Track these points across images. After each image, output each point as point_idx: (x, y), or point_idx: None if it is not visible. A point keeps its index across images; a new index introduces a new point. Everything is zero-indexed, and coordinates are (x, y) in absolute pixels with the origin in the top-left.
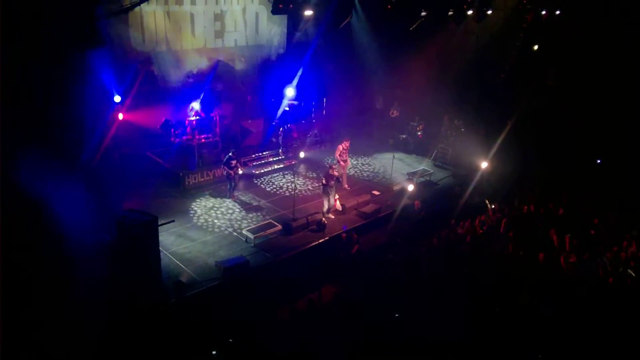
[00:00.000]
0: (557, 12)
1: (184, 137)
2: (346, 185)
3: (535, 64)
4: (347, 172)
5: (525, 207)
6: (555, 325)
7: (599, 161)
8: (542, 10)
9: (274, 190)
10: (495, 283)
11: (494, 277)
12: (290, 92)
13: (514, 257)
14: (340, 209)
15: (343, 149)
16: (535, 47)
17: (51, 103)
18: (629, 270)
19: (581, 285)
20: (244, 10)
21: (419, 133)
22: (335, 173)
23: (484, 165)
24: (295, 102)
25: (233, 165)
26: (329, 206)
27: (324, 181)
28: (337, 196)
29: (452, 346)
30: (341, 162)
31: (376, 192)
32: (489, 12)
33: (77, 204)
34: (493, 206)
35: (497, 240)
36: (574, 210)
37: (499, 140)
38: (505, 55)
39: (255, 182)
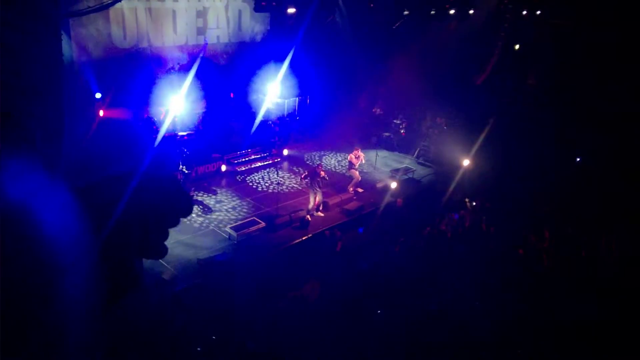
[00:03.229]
0: (538, 12)
1: (166, 134)
2: (351, 189)
3: (516, 63)
4: (336, 170)
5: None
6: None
7: (578, 159)
8: (523, 10)
9: (258, 187)
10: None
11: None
12: (274, 89)
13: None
14: (322, 207)
15: (355, 157)
16: (517, 47)
17: (26, 98)
18: None
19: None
20: (226, 7)
21: (402, 131)
22: (322, 173)
23: (466, 162)
24: (279, 100)
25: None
26: (314, 203)
27: (303, 175)
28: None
29: (434, 344)
30: (354, 170)
31: (359, 190)
32: (471, 11)
33: (59, 206)
34: (474, 203)
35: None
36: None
37: (481, 138)
38: (487, 54)
39: (239, 179)
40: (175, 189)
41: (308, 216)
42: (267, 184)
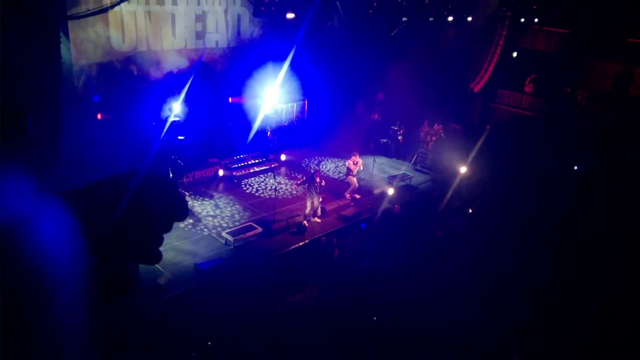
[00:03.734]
0: (536, 20)
1: (164, 138)
2: (348, 195)
3: (513, 71)
4: (333, 176)
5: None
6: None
7: (575, 168)
8: (521, 18)
9: (255, 192)
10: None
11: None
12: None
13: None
14: (320, 213)
15: (353, 163)
16: (514, 54)
17: (25, 102)
18: None
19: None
20: (225, 11)
21: (400, 137)
22: (317, 179)
23: (463, 169)
24: (278, 105)
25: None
26: (311, 208)
27: (299, 181)
28: (320, 199)
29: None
30: (352, 176)
31: (357, 196)
32: (469, 18)
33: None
34: (470, 210)
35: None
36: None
37: (478, 145)
38: (484, 62)
39: (236, 184)
40: (170, 193)
41: (305, 222)
42: (264, 189)
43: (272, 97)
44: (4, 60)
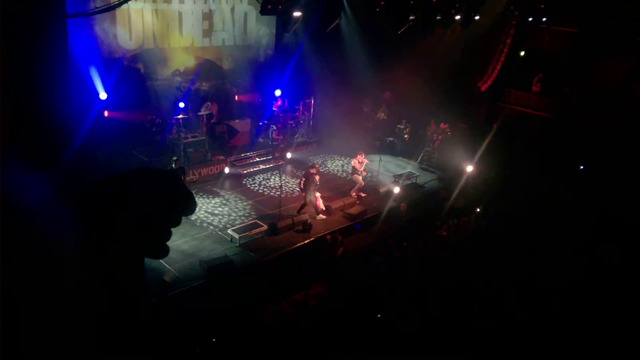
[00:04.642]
0: (543, 19)
1: (170, 136)
2: (354, 193)
3: (521, 70)
4: (339, 175)
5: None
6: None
7: (582, 167)
8: (529, 17)
9: (261, 190)
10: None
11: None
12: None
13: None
14: (324, 208)
15: (359, 162)
16: (522, 53)
17: (34, 100)
18: None
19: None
20: (232, 10)
21: (406, 136)
22: (316, 177)
23: (470, 168)
24: (284, 103)
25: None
26: (309, 204)
27: (302, 180)
28: (317, 194)
29: (435, 347)
30: (358, 174)
31: (362, 194)
32: (477, 17)
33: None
34: (478, 209)
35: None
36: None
37: (485, 144)
38: (492, 61)
39: (242, 181)
40: (178, 187)
41: (309, 220)
42: (270, 187)
43: (279, 95)
44: (12, 58)
